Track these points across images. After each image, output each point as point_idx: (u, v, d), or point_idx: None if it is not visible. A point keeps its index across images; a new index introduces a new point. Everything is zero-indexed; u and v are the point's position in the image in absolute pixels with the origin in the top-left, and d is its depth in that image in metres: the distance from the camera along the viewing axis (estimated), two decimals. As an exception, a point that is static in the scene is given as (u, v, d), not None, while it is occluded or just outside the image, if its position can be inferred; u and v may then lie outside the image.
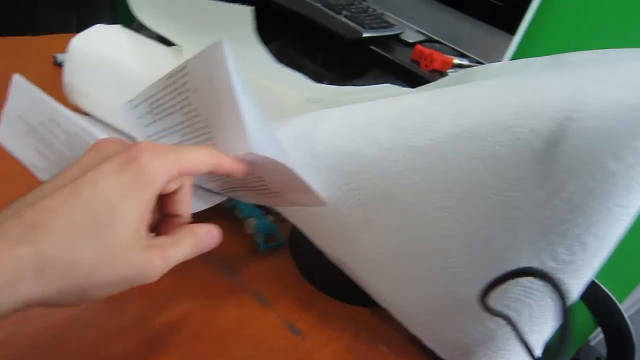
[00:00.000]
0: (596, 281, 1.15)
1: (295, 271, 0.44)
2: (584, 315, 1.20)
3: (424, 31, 1.06)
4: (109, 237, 0.22)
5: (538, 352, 0.43)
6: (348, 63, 1.00)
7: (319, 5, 0.93)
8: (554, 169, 0.28)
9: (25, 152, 0.38)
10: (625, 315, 1.12)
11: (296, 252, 0.45)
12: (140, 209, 0.23)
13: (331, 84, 0.47)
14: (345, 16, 0.92)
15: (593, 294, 1.15)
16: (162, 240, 0.25)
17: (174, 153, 0.25)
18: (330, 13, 0.92)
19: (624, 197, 0.28)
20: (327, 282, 0.42)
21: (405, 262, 0.35)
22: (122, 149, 0.24)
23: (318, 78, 1.12)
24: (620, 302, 1.15)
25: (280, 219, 0.42)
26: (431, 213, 0.32)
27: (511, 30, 0.92)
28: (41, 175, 0.36)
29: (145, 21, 0.49)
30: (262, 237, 0.44)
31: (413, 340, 0.39)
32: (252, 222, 0.44)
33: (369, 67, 0.99)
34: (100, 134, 0.30)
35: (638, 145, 0.26)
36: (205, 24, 0.47)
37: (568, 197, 0.28)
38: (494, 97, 0.30)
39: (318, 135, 0.35)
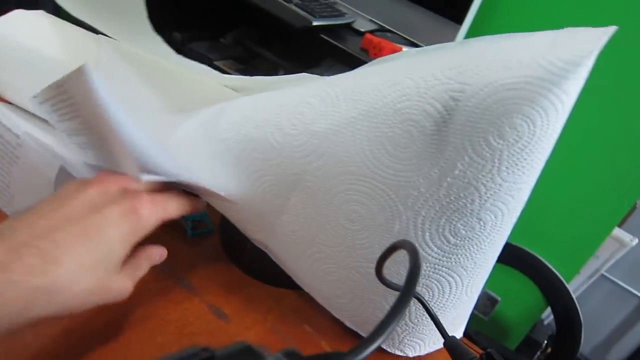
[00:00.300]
0: (545, 262, 1.19)
1: (223, 256, 0.45)
2: (535, 295, 1.24)
3: (375, 20, 1.07)
4: (104, 274, 0.28)
5: (461, 329, 0.44)
6: (302, 52, 1.00)
7: (269, -7, 0.93)
8: (445, 148, 0.29)
9: None
10: (572, 294, 1.16)
11: (224, 236, 0.46)
12: (129, 249, 0.30)
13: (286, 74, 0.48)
14: (296, 5, 0.92)
15: (542, 275, 1.19)
16: (130, 266, 0.31)
17: (163, 206, 0.32)
18: (281, 2, 0.92)
19: (511, 173, 0.29)
20: (253, 266, 0.43)
21: (320, 244, 0.36)
22: (123, 193, 0.30)
23: (275, 68, 1.12)
24: (568, 281, 1.19)
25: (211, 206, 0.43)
26: (337, 196, 0.33)
27: (458, 19, 0.94)
28: None
29: (64, 6, 0.48)
30: (190, 224, 0.45)
31: (337, 321, 0.41)
32: None
33: (322, 56, 0.99)
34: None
35: (518, 122, 0.27)
36: (110, 11, 0.46)
37: (460, 175, 0.30)
38: (386, 79, 0.31)
39: (224, 124, 0.36)
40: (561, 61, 0.26)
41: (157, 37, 0.43)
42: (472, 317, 1.25)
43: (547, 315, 1.28)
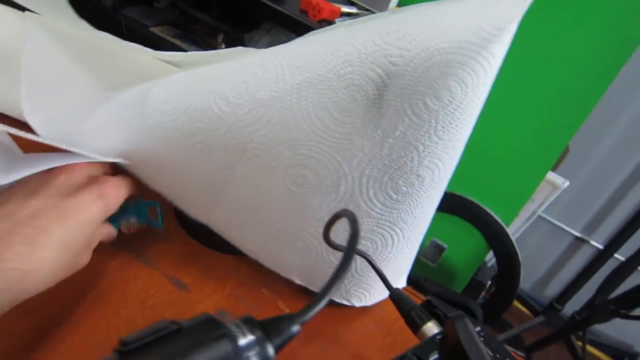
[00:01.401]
0: (486, 209, 1.25)
1: (179, 229, 0.45)
2: (478, 240, 1.32)
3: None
4: (78, 251, 0.31)
5: (404, 279, 0.47)
6: (241, 15, 0.98)
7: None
8: (386, 111, 0.31)
9: None
10: (512, 237, 1.24)
11: (178, 210, 0.46)
12: (97, 228, 0.34)
13: (228, 39, 0.47)
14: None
15: (483, 221, 1.26)
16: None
17: (124, 188, 0.35)
18: (215, -37, 0.89)
19: (446, 132, 0.31)
20: (209, 236, 0.44)
21: (267, 210, 0.38)
22: (90, 179, 0.34)
23: (214, 32, 1.09)
24: (507, 225, 1.26)
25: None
26: (284, 162, 0.35)
27: (396, -24, 0.95)
28: None
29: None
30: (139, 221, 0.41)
31: (292, 283, 0.43)
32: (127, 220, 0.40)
33: (262, 19, 0.98)
34: None
35: (452, 84, 0.29)
36: None
37: (401, 136, 0.32)
38: (328, 46, 0.32)
39: (163, 95, 0.36)
40: (489, 26, 0.28)
41: (78, 19, 0.41)
42: (422, 264, 1.32)
43: (490, 258, 1.37)
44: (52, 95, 0.43)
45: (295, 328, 0.20)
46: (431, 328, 0.33)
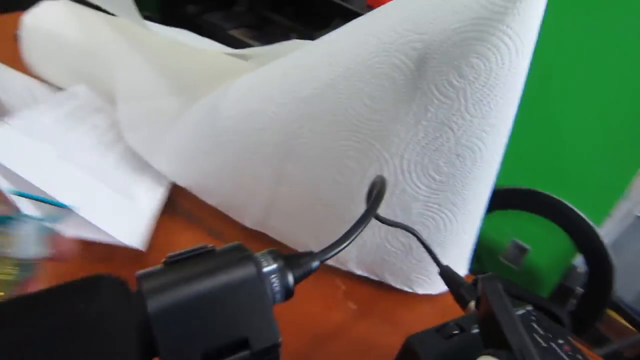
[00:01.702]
0: (572, 207, 1.18)
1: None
2: (565, 242, 1.24)
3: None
4: None
5: (464, 266, 0.46)
6: (312, 14, 1.01)
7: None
8: (415, 94, 0.32)
9: None
10: (602, 238, 1.15)
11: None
12: None
13: (301, 38, 0.51)
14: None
15: (570, 221, 1.18)
16: None
17: None
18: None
19: (478, 109, 0.32)
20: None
21: (319, 206, 0.40)
22: None
23: (288, 32, 1.13)
24: (598, 225, 1.17)
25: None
26: (329, 154, 0.37)
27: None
28: None
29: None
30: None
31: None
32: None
33: (331, 17, 1.00)
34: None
35: (474, 61, 0.30)
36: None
37: (432, 117, 0.32)
38: (354, 40, 0.34)
39: (227, 102, 0.40)
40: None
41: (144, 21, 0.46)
42: (503, 267, 1.26)
43: (580, 263, 1.27)
44: (141, 109, 0.48)
45: (315, 264, 0.22)
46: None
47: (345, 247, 0.22)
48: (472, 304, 0.33)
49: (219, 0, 1.08)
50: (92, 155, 0.43)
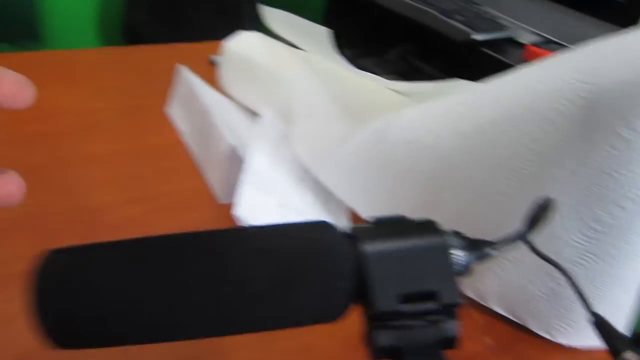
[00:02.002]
0: None
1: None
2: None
3: (539, 32, 1.06)
4: None
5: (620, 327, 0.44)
6: (463, 66, 1.04)
7: (431, 10, 1.00)
8: (577, 140, 0.33)
9: (181, 121, 0.54)
10: None
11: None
12: None
13: None
14: (457, 20, 0.97)
15: None
16: None
17: None
18: (442, 17, 0.98)
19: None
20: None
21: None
22: None
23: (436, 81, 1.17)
24: None
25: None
26: (484, 188, 0.39)
27: (629, 26, 0.89)
28: (187, 139, 0.50)
29: (275, 31, 0.62)
30: None
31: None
32: None
33: (483, 70, 1.02)
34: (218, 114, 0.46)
35: None
36: (309, 35, 0.58)
37: (594, 165, 0.33)
38: (522, 85, 0.36)
39: (391, 130, 0.44)
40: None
41: (337, 56, 0.53)
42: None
43: None
44: (313, 126, 0.55)
45: (491, 251, 0.24)
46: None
47: (517, 241, 0.24)
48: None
49: (372, 47, 1.17)
50: (295, 196, 0.50)
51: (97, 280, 0.18)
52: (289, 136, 0.54)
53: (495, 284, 0.42)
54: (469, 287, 0.45)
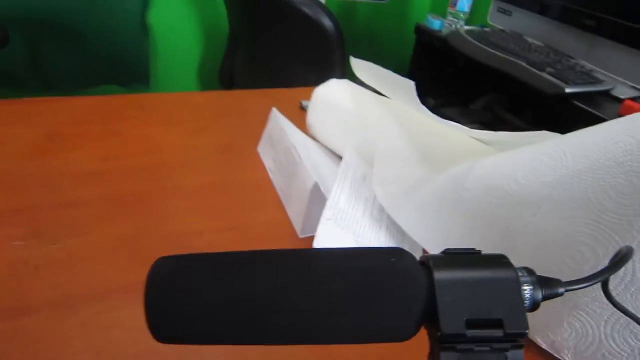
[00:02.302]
0: None
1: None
2: None
3: (638, 87, 1.02)
4: None
5: None
6: (552, 120, 1.02)
7: (522, 63, 0.99)
8: None
9: (269, 159, 0.57)
10: None
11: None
12: None
13: None
14: (549, 73, 0.96)
15: None
16: None
17: None
18: (533, 70, 0.97)
19: None
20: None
21: None
22: None
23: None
24: None
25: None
26: (564, 237, 0.39)
27: None
28: (272, 175, 0.54)
29: (362, 79, 0.66)
30: None
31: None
32: None
33: (574, 123, 0.99)
34: (304, 153, 0.46)
35: None
36: (394, 87, 0.60)
37: None
38: (609, 138, 0.36)
39: (472, 176, 0.45)
40: None
41: (421, 105, 0.55)
42: None
43: None
44: (393, 169, 0.56)
45: (561, 290, 0.24)
46: None
47: (591, 285, 0.24)
48: None
49: (456, 97, 1.18)
50: (371, 234, 0.51)
51: (197, 282, 0.21)
52: (369, 177, 0.55)
53: (573, 337, 0.41)
54: (543, 337, 0.43)
